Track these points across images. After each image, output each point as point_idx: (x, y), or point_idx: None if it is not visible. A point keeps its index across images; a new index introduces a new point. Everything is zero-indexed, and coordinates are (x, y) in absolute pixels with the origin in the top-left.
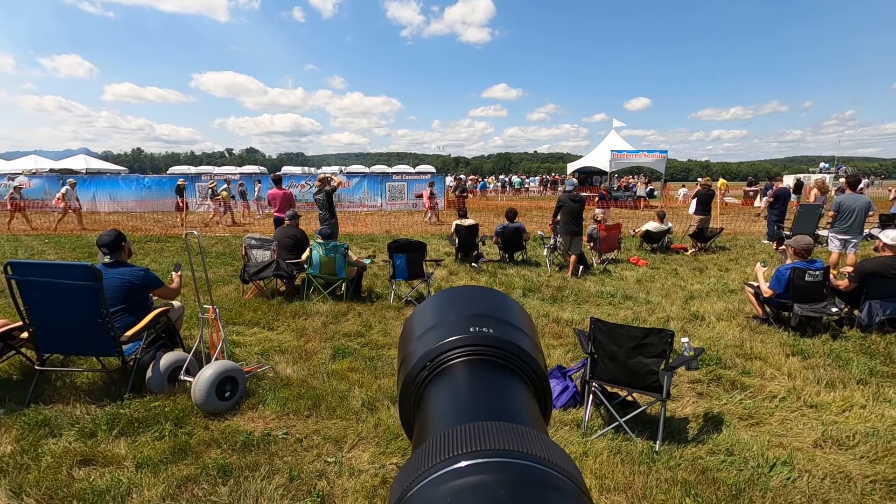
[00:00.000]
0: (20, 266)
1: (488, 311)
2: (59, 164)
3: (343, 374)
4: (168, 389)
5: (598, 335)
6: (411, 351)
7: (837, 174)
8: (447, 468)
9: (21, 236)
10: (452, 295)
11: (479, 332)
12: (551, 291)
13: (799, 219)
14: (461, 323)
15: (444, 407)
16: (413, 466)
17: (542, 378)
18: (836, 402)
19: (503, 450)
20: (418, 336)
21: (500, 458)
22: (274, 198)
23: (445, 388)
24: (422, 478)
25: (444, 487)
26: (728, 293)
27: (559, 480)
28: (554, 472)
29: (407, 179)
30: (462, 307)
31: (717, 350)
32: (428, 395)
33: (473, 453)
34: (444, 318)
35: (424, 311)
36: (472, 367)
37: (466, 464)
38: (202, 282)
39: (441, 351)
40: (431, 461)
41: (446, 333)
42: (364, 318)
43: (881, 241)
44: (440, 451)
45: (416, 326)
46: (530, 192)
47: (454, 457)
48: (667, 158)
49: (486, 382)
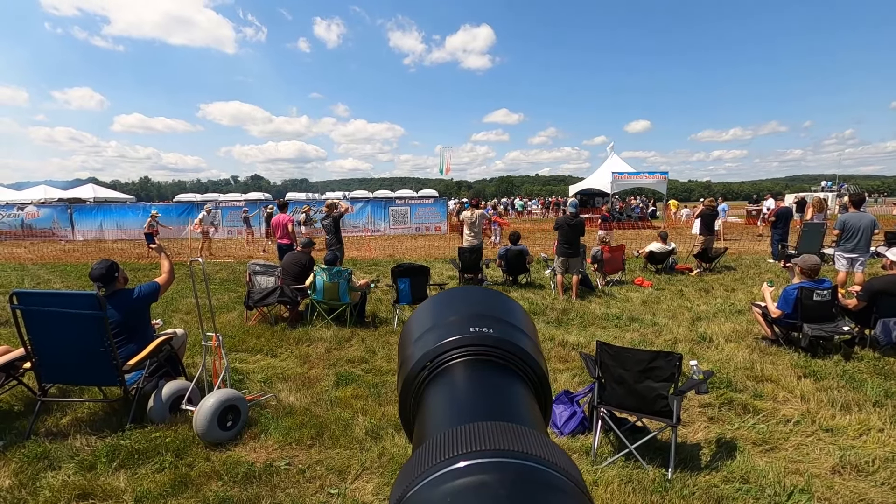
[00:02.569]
0: (26, 296)
1: (488, 311)
2: (67, 193)
3: (346, 402)
4: (170, 419)
5: (604, 359)
6: (411, 351)
7: (840, 192)
8: (447, 468)
9: (28, 265)
10: (452, 295)
11: (479, 332)
12: (556, 314)
13: (804, 237)
14: (461, 323)
15: (443, 407)
16: (413, 467)
17: (543, 378)
18: (852, 426)
19: (503, 450)
20: (419, 336)
21: (500, 458)
22: (276, 224)
23: (445, 389)
24: (421, 478)
25: (444, 487)
26: (735, 314)
27: (559, 480)
28: (554, 472)
29: (410, 204)
30: (462, 307)
31: (726, 373)
32: (428, 396)
33: (473, 453)
34: (444, 319)
35: (425, 312)
36: (472, 367)
37: (466, 464)
38: (205, 308)
39: (441, 351)
40: (431, 461)
41: (446, 333)
42: (368, 344)
43: (888, 259)
44: (440, 452)
45: (416, 327)
46: (532, 214)
47: (454, 457)
48: (668, 179)
49: (486, 383)
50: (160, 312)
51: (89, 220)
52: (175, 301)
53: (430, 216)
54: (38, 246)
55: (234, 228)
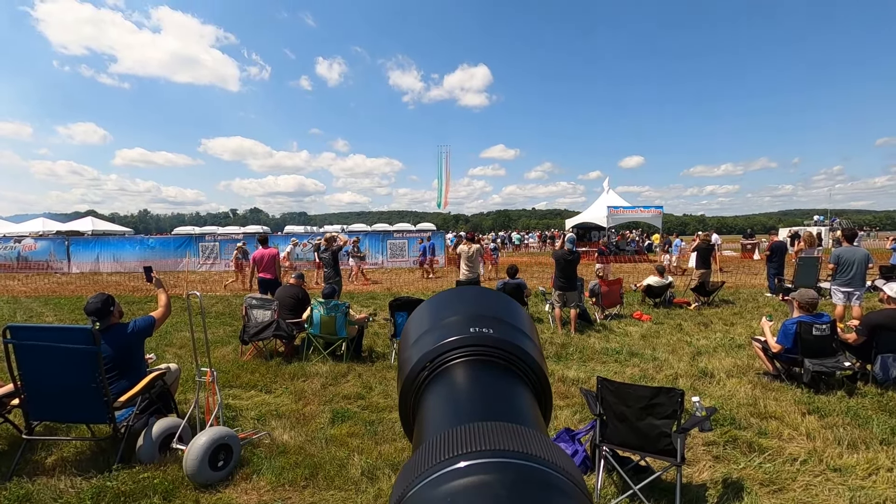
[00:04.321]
0: (18, 330)
1: (489, 311)
2: (66, 226)
3: (342, 440)
4: (159, 459)
5: (605, 395)
6: (412, 351)
7: (832, 226)
8: (447, 468)
9: (21, 298)
10: (453, 296)
11: (479, 333)
12: (555, 349)
13: (799, 271)
14: (462, 323)
15: (443, 407)
16: (413, 467)
17: (543, 379)
18: (860, 465)
19: (503, 450)
20: (419, 336)
21: (501, 458)
22: (260, 258)
23: (445, 389)
24: (422, 478)
25: (445, 488)
26: (736, 348)
27: (559, 480)
28: (554, 472)
29: (408, 237)
30: (462, 308)
31: (729, 409)
32: (428, 396)
33: (473, 453)
34: (444, 319)
35: (426, 312)
36: (472, 368)
37: (466, 464)
38: (201, 343)
39: (441, 351)
40: (431, 461)
41: (447, 334)
42: (364, 379)
43: (885, 294)
44: (440, 452)
45: (417, 327)
46: (530, 248)
47: (454, 457)
48: (663, 213)
49: (486, 383)
50: (153, 347)
51: (86, 253)
52: (169, 335)
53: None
54: (33, 278)
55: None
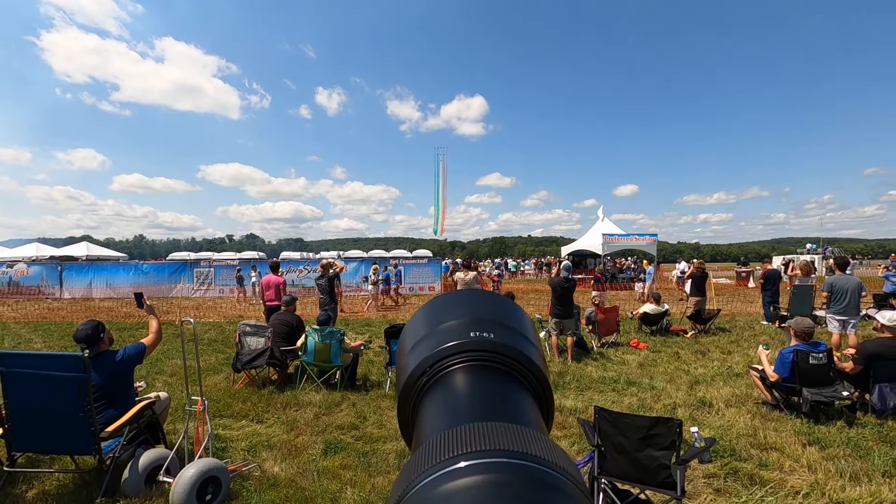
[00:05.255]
0: (5, 357)
1: (489, 315)
2: (60, 251)
3: (335, 472)
4: (144, 492)
5: (603, 426)
6: (411, 357)
7: (825, 255)
8: (447, 468)
9: (10, 324)
10: (453, 299)
11: (479, 337)
12: (552, 377)
13: (794, 299)
14: (462, 327)
15: (443, 410)
16: (413, 467)
17: (545, 383)
18: (863, 498)
19: (504, 450)
20: (418, 341)
21: (501, 458)
22: (266, 284)
23: (445, 394)
24: (422, 478)
25: (445, 488)
26: (734, 377)
27: (560, 481)
28: (555, 472)
29: (404, 264)
30: (463, 311)
31: (729, 440)
32: (428, 401)
33: (473, 453)
34: (444, 323)
35: (425, 315)
36: (472, 373)
37: (466, 464)
38: (193, 370)
39: (441, 356)
40: (431, 461)
41: (446, 338)
42: (358, 409)
43: (879, 322)
44: (440, 452)
45: (417, 330)
46: (526, 275)
47: (454, 457)
48: (657, 241)
49: (487, 388)
50: (143, 374)
51: (78, 278)
52: (160, 362)
53: (424, 276)
54: (23, 304)
55: (225, 287)
